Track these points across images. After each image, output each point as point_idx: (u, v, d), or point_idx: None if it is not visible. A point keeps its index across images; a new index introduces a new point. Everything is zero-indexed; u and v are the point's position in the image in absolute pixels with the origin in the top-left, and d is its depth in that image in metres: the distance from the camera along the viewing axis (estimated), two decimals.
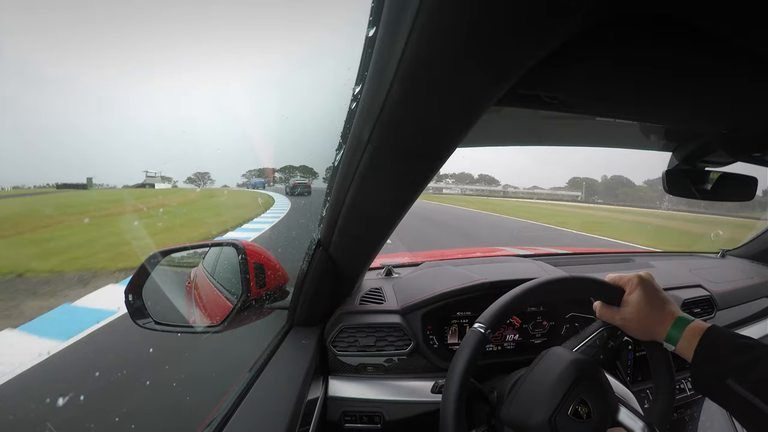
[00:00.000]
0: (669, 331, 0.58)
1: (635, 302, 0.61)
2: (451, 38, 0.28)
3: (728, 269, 1.38)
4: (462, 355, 0.58)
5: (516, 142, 0.91)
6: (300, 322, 0.88)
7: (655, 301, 0.60)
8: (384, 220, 0.66)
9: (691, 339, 0.56)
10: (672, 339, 0.58)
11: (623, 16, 0.33)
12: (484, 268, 1.06)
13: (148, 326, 0.80)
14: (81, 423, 1.87)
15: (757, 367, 0.49)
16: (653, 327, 0.60)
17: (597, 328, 0.65)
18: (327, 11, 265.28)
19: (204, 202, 14.20)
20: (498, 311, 0.60)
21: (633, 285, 0.62)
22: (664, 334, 0.58)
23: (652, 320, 0.60)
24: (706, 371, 0.54)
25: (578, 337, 0.66)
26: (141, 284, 0.83)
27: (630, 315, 0.61)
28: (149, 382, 2.21)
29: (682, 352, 0.57)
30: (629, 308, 0.61)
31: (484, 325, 0.59)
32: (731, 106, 0.50)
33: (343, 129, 0.52)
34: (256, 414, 0.59)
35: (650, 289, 0.61)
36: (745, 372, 0.50)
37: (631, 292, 0.62)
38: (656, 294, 0.61)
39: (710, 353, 0.54)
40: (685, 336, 0.57)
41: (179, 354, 2.52)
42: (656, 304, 0.60)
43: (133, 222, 9.04)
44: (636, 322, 0.61)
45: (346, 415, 0.82)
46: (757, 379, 0.48)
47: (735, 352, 0.52)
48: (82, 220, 10.02)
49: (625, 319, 0.62)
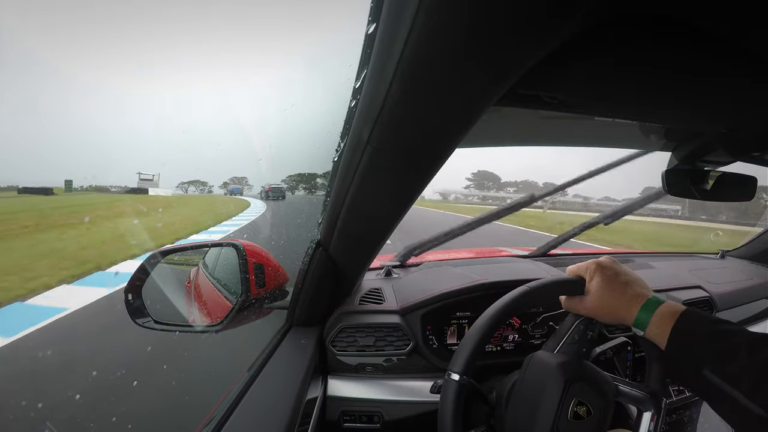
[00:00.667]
0: (637, 314, 0.55)
1: (595, 288, 0.59)
2: (451, 38, 0.28)
3: (728, 270, 1.38)
4: (445, 410, 0.56)
5: (516, 142, 0.91)
6: (299, 322, 0.88)
7: (615, 284, 0.58)
8: (384, 220, 0.66)
9: (663, 323, 0.52)
10: (640, 323, 0.55)
11: (623, 16, 0.33)
12: (484, 268, 1.06)
13: (148, 325, 0.80)
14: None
15: (737, 356, 0.45)
16: (619, 311, 0.57)
17: (572, 322, 0.64)
18: (326, 12, 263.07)
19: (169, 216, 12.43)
20: (468, 355, 0.58)
21: (591, 272, 0.61)
22: (631, 318, 0.55)
23: (616, 304, 0.57)
24: (681, 360, 0.50)
25: (556, 336, 0.65)
26: (141, 284, 0.83)
27: (592, 302, 0.59)
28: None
29: (652, 337, 0.54)
30: (591, 296, 0.60)
31: (457, 373, 0.57)
32: (731, 106, 0.50)
33: (342, 129, 0.52)
34: (256, 413, 0.59)
35: (609, 272, 0.59)
36: (723, 362, 0.46)
37: (590, 279, 0.60)
38: (616, 277, 0.59)
39: (685, 340, 0.50)
40: (654, 320, 0.53)
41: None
42: (617, 287, 0.58)
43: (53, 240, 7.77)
44: (599, 308, 0.59)
45: (345, 415, 0.82)
46: (737, 370, 0.45)
47: (712, 339, 0.48)
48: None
49: (589, 307, 0.60)
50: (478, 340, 0.59)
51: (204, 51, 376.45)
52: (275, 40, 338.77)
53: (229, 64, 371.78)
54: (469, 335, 0.60)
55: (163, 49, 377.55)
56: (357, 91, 0.43)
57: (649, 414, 0.58)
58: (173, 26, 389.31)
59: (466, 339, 0.60)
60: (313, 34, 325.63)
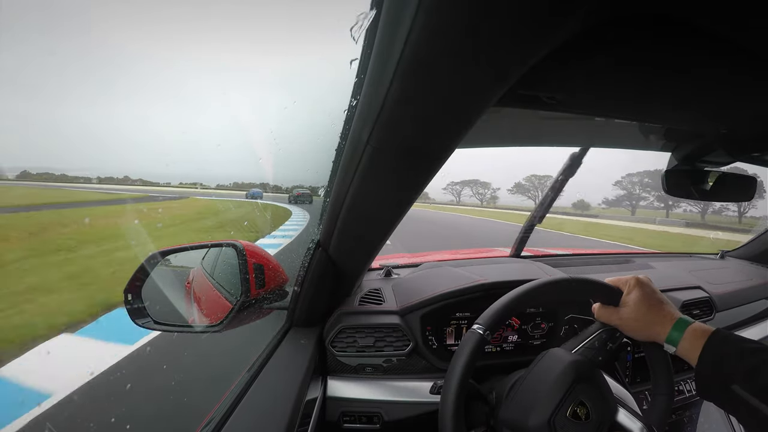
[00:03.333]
0: (670, 332, 0.58)
1: (633, 303, 0.61)
2: (451, 38, 0.28)
3: (727, 270, 1.38)
4: (461, 356, 0.58)
5: (516, 142, 0.91)
6: (299, 323, 0.87)
7: (652, 301, 0.61)
8: (383, 220, 0.66)
9: (694, 342, 0.55)
10: (673, 340, 0.57)
11: (623, 16, 0.33)
12: (484, 269, 1.06)
13: (147, 325, 0.80)
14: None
15: (763, 372, 0.48)
16: (652, 327, 0.60)
17: (596, 329, 0.66)
18: (326, 12, 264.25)
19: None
20: (497, 312, 0.60)
21: (631, 286, 0.63)
22: (664, 335, 0.58)
23: (651, 321, 0.60)
24: (711, 376, 0.53)
25: (577, 338, 0.66)
26: (140, 284, 0.83)
27: (628, 315, 0.61)
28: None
29: (683, 354, 0.57)
30: (627, 309, 0.62)
31: (483, 326, 0.59)
32: (731, 106, 0.50)
33: (342, 129, 0.52)
34: (255, 413, 0.59)
35: (648, 289, 0.62)
36: (750, 377, 0.49)
37: (629, 292, 0.63)
38: (653, 294, 0.61)
39: (716, 358, 0.53)
40: (686, 338, 0.56)
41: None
42: (654, 305, 0.60)
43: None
44: (634, 322, 0.61)
45: (345, 416, 0.82)
46: (764, 385, 0.48)
47: (740, 357, 0.51)
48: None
49: (624, 319, 0.62)
50: (509, 304, 0.61)
51: (204, 50, 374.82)
52: (275, 40, 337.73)
53: (229, 63, 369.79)
54: (501, 299, 0.62)
55: (163, 48, 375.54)
56: (357, 91, 0.43)
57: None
58: (173, 26, 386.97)
59: (498, 301, 0.62)
60: (313, 35, 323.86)
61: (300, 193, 17.22)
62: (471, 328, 0.60)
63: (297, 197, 17.57)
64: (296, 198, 17.62)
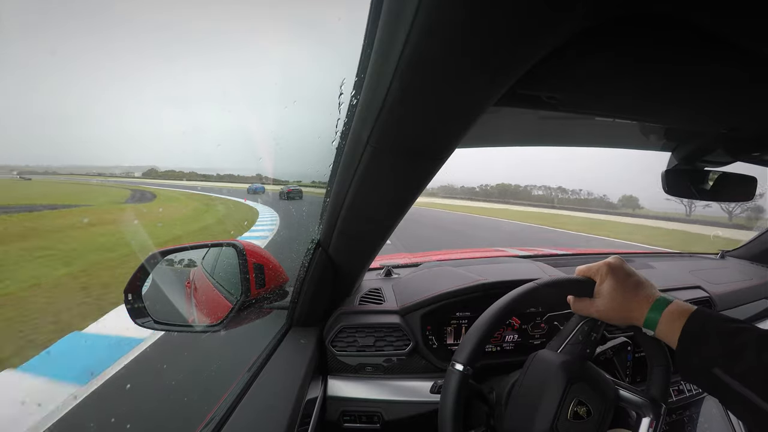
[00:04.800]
0: (647, 315, 0.55)
1: (607, 291, 0.59)
2: (450, 38, 0.28)
3: (727, 270, 1.38)
4: (447, 399, 0.56)
5: (516, 142, 0.91)
6: (299, 322, 0.88)
7: (627, 285, 0.58)
8: (383, 220, 0.66)
9: (672, 324, 0.53)
10: (650, 323, 0.55)
11: (623, 15, 0.33)
12: (484, 268, 1.06)
13: (147, 325, 0.80)
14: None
15: (745, 354, 0.45)
16: (630, 313, 0.57)
17: (576, 323, 0.64)
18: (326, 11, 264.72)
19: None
20: (473, 346, 0.58)
21: (603, 274, 0.60)
22: (642, 318, 0.56)
23: (627, 306, 0.57)
24: (691, 359, 0.50)
25: (560, 336, 0.65)
26: (140, 284, 0.83)
27: (604, 304, 0.59)
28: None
29: (662, 336, 0.54)
30: (602, 298, 0.59)
31: (461, 363, 0.57)
32: (731, 105, 0.50)
33: (342, 129, 0.52)
34: (256, 413, 0.59)
35: (621, 274, 0.59)
36: (732, 360, 0.46)
37: (602, 281, 0.60)
38: (627, 278, 0.59)
39: (694, 340, 0.50)
40: (663, 320, 0.54)
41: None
42: (629, 289, 0.58)
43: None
44: (611, 310, 0.59)
45: (345, 415, 0.82)
46: (746, 369, 0.45)
47: (721, 338, 0.48)
48: None
49: (600, 309, 0.60)
50: (482, 333, 0.58)
51: (204, 50, 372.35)
52: (275, 40, 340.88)
53: (228, 63, 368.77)
54: (473, 328, 0.60)
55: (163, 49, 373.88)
56: (357, 91, 0.43)
57: (648, 419, 0.58)
58: (173, 26, 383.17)
59: (470, 332, 0.60)
60: (313, 34, 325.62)
61: (291, 189, 17.88)
62: (449, 368, 0.58)
63: (288, 193, 18.07)
64: (287, 194, 18.17)
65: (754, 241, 1.55)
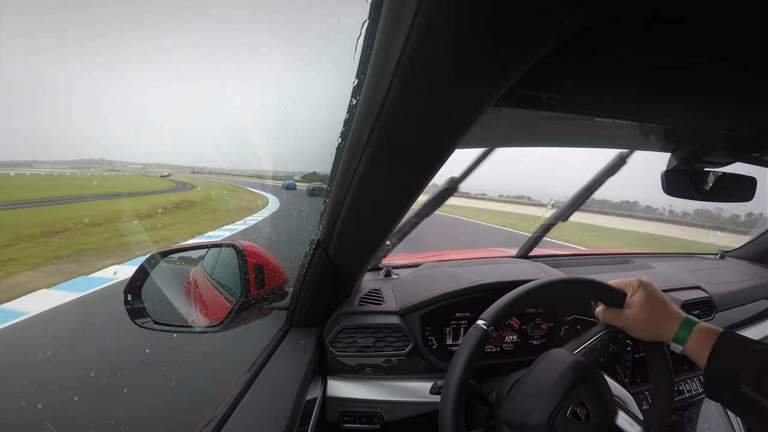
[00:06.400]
0: (677, 331, 0.58)
1: (638, 303, 0.62)
2: (450, 38, 0.28)
3: (727, 271, 1.38)
4: (463, 351, 0.58)
5: (516, 142, 0.91)
6: (299, 323, 0.87)
7: (657, 302, 0.61)
8: (383, 221, 0.66)
9: (702, 341, 0.56)
10: (680, 339, 0.58)
11: (623, 16, 0.33)
12: (484, 269, 1.06)
13: (147, 326, 0.80)
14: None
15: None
16: (658, 327, 0.60)
17: (599, 331, 0.66)
18: (326, 11, 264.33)
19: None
20: (501, 309, 0.60)
21: (634, 287, 0.64)
22: (671, 333, 0.59)
23: (656, 320, 0.60)
24: (719, 376, 0.54)
25: (580, 339, 0.66)
26: (140, 284, 0.83)
27: (633, 316, 0.62)
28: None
29: (691, 353, 0.57)
30: (632, 310, 0.62)
31: (487, 322, 0.59)
32: (731, 106, 0.50)
33: (342, 129, 0.52)
34: (255, 413, 0.59)
35: (650, 290, 0.63)
36: (759, 378, 0.49)
37: (633, 294, 0.63)
38: (657, 295, 0.62)
39: (725, 358, 0.53)
40: (693, 337, 0.57)
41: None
42: (658, 305, 0.61)
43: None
44: (640, 322, 0.62)
45: (345, 416, 0.82)
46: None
47: (749, 358, 0.51)
48: None
49: (629, 320, 0.62)
50: (514, 300, 0.61)
51: (204, 50, 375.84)
52: (275, 40, 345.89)
53: (228, 62, 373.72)
54: (506, 296, 0.62)
55: (163, 48, 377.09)
56: (357, 91, 0.43)
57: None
58: (173, 26, 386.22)
59: (503, 297, 0.62)
60: (312, 34, 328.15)
61: (315, 187, 20.63)
62: (474, 324, 0.60)
63: (313, 190, 20.68)
64: (312, 191, 20.61)
65: (753, 241, 1.55)
